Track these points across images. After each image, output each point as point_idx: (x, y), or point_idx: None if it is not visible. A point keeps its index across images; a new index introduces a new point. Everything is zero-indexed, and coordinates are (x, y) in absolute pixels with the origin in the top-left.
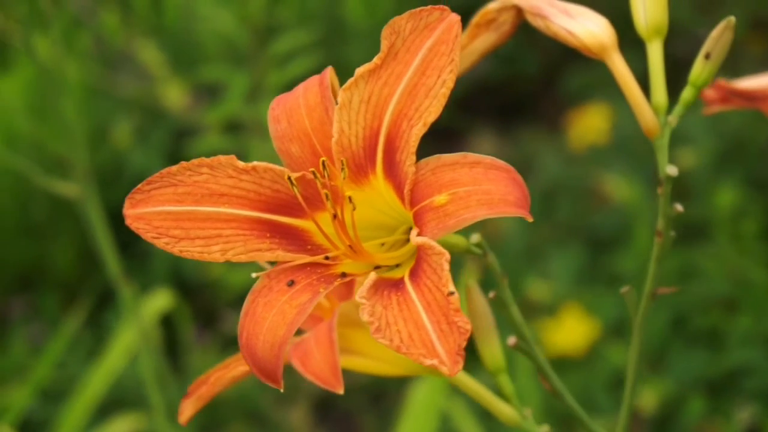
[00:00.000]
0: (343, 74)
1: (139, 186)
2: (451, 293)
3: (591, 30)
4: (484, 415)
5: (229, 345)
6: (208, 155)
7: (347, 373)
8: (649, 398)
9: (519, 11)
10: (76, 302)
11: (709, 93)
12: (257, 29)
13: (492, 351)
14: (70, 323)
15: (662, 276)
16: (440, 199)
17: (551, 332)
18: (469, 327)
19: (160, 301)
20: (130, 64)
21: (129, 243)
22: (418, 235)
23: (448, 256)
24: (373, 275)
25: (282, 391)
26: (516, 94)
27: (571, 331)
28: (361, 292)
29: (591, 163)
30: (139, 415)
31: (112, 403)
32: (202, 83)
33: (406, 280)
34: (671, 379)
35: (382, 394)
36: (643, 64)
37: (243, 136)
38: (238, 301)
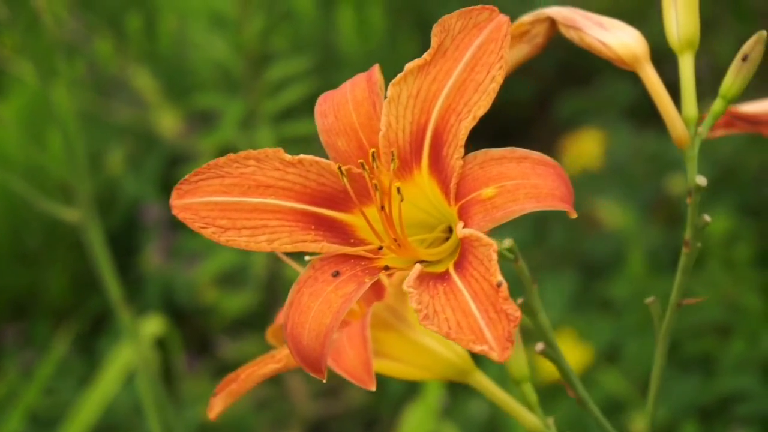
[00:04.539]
0: None
1: (186, 177)
2: (500, 283)
3: (625, 41)
4: None
5: (222, 372)
6: None
7: (339, 398)
8: (641, 424)
9: (552, 23)
10: (66, 326)
11: None
12: (251, 57)
13: (517, 359)
14: (58, 346)
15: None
16: (488, 192)
17: (543, 359)
18: (518, 314)
19: (152, 327)
20: (124, 90)
21: (122, 269)
22: (464, 228)
23: (495, 246)
24: (418, 266)
25: (324, 381)
26: (509, 119)
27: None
28: (408, 281)
29: (584, 188)
30: None
31: (104, 430)
32: (196, 110)
33: (452, 271)
34: (664, 404)
35: (375, 420)
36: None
37: None
38: (231, 327)
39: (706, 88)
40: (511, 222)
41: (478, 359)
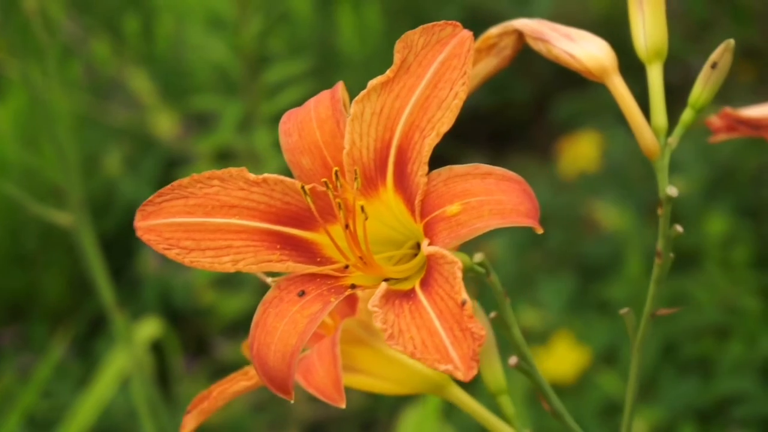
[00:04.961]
0: None
1: (150, 198)
2: (464, 301)
3: (592, 53)
4: None
5: (219, 373)
6: None
7: None
8: (639, 426)
9: (520, 36)
10: (64, 329)
11: (715, 121)
12: (249, 58)
13: (493, 371)
14: (55, 348)
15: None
16: (452, 209)
17: (542, 360)
18: (483, 333)
19: (148, 329)
20: (121, 92)
21: (120, 271)
22: (429, 245)
23: (460, 264)
24: (384, 285)
25: (292, 402)
26: (507, 121)
27: (561, 358)
28: (373, 300)
29: (582, 190)
30: None
31: None
32: (193, 112)
33: (417, 289)
34: (662, 406)
35: (373, 422)
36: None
37: (235, 165)
38: (229, 329)
39: None
40: None
41: None
